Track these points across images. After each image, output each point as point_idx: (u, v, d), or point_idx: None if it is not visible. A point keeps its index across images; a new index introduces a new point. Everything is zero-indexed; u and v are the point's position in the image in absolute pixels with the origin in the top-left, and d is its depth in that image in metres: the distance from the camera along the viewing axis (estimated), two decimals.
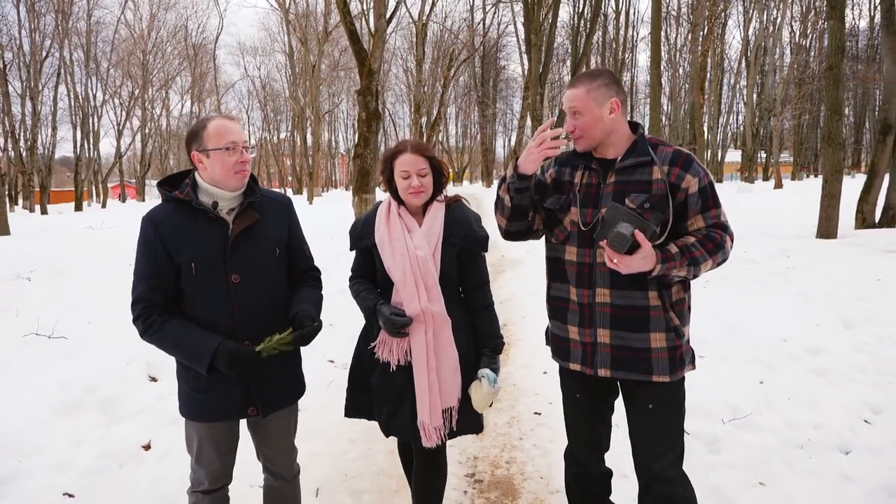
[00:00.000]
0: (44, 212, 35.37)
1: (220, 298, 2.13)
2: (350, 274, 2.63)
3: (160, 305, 2.13)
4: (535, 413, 4.12)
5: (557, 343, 2.39)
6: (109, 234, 17.23)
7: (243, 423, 2.38)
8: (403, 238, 2.43)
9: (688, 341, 2.26)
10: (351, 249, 2.62)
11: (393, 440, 2.83)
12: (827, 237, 11.35)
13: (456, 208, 2.54)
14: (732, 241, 2.21)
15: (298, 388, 2.41)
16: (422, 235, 2.44)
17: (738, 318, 5.87)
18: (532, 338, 5.78)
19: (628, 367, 2.20)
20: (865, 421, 3.64)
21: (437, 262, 2.44)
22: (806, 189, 23.66)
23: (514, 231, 2.41)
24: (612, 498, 2.60)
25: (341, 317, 6.33)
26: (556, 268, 2.39)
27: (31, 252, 12.62)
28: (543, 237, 2.46)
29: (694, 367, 2.29)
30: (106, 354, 4.62)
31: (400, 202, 2.51)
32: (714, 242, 2.13)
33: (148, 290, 2.12)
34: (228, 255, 2.13)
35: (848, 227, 12.19)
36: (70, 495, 2.86)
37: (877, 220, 12.50)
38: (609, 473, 2.53)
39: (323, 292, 2.44)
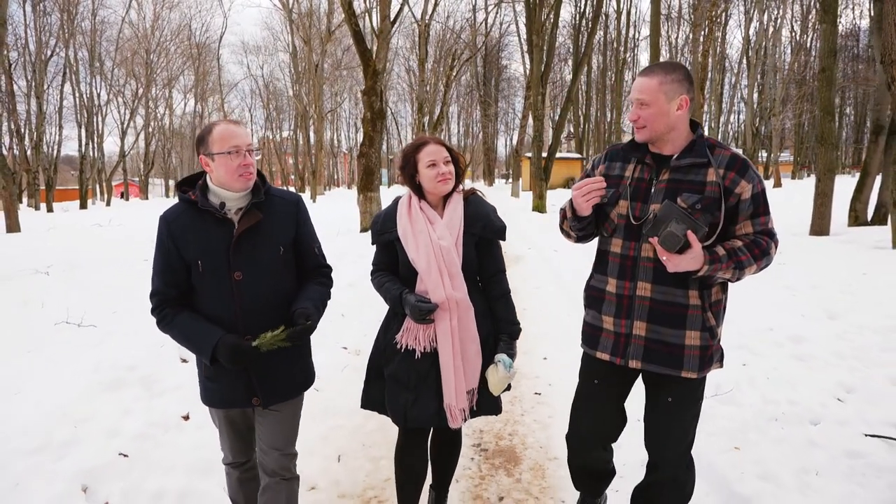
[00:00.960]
0: (49, 210, 35.70)
1: (223, 295, 2.23)
2: (372, 268, 2.73)
3: (173, 299, 2.26)
4: (536, 393, 4.46)
5: (588, 331, 2.45)
6: (118, 231, 17.58)
7: None
8: (426, 229, 2.53)
9: (719, 341, 2.33)
10: (373, 243, 2.71)
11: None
12: (820, 234, 11.68)
13: (474, 201, 2.65)
14: (777, 247, 2.23)
15: (305, 379, 2.48)
16: (444, 226, 2.53)
17: (729, 309, 6.18)
18: (532, 328, 6.15)
19: (660, 361, 2.24)
20: (838, 399, 3.97)
21: (460, 251, 2.54)
22: (805, 188, 23.94)
23: (584, 242, 2.57)
24: (612, 488, 2.75)
25: (352, 309, 6.70)
26: (601, 259, 2.44)
27: (44, 248, 12.96)
28: None
29: (721, 366, 2.35)
30: (137, 340, 4.95)
31: (420, 196, 2.61)
32: (760, 248, 2.15)
33: (162, 285, 2.26)
34: (231, 254, 2.22)
35: (841, 225, 12.53)
36: (125, 455, 3.21)
37: (869, 217, 12.84)
38: (611, 451, 2.65)
39: (332, 290, 2.52)
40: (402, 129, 55.37)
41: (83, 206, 38.75)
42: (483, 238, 2.60)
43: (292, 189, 56.82)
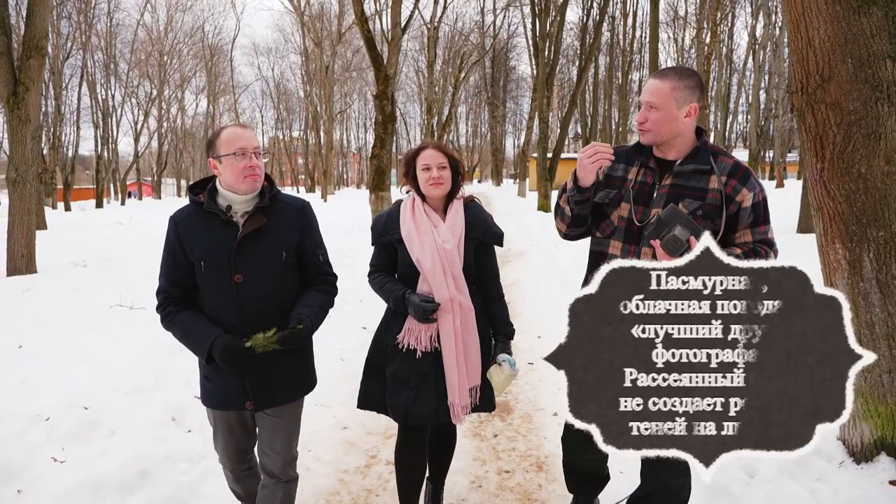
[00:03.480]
0: (67, 208, 36.61)
1: (224, 296, 2.24)
2: (370, 269, 2.79)
3: (178, 298, 2.29)
4: (529, 363, 5.19)
5: None
6: (138, 229, 18.37)
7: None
8: (431, 232, 2.60)
9: None
10: (373, 244, 2.77)
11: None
12: (807, 232, 12.34)
13: (473, 207, 2.75)
14: (776, 257, 2.23)
15: (304, 384, 2.46)
16: (447, 230, 2.62)
17: None
18: (530, 311, 6.91)
19: None
20: None
21: (461, 254, 2.62)
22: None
23: (574, 235, 2.51)
24: (607, 490, 2.77)
25: (370, 295, 7.43)
26: (596, 261, 2.42)
27: (73, 244, 13.73)
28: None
29: None
30: None
31: (423, 199, 2.69)
32: (758, 257, 2.14)
33: (167, 284, 2.29)
34: (233, 256, 2.23)
35: None
36: (198, 398, 3.97)
37: None
38: (605, 457, 2.63)
39: (335, 298, 2.51)
40: (412, 129, 56.01)
41: (99, 205, 39.66)
42: (481, 243, 2.72)
43: (302, 189, 57.69)
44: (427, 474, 2.97)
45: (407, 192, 2.77)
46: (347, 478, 3.38)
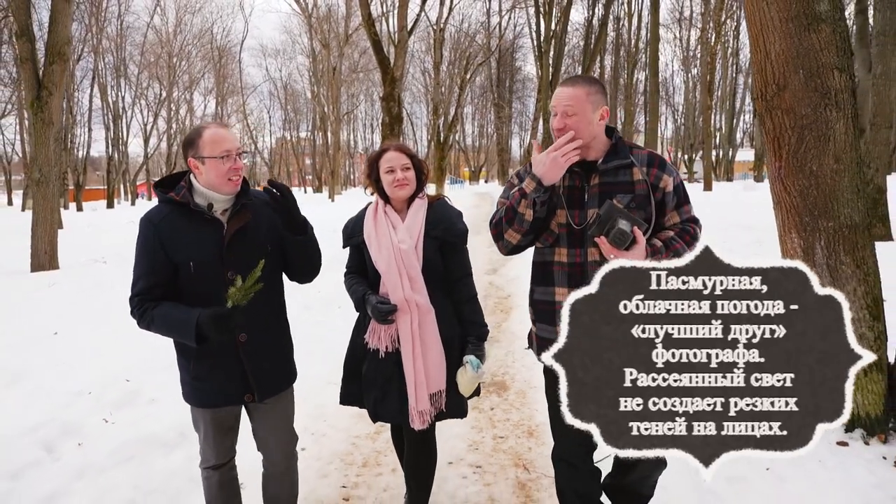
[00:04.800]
0: (79, 209, 37.21)
1: (217, 294, 2.18)
2: (345, 270, 2.82)
3: (155, 298, 2.22)
4: (526, 348, 5.57)
5: (544, 345, 2.25)
6: None
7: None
8: (388, 233, 2.60)
9: None
10: (344, 247, 2.81)
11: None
12: None
13: (438, 206, 2.72)
14: (701, 230, 2.38)
15: (290, 374, 2.51)
16: (405, 230, 2.60)
17: None
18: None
19: None
20: None
21: (420, 254, 2.59)
22: None
23: (525, 244, 2.42)
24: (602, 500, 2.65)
25: None
26: (542, 271, 2.44)
27: (89, 243, 14.25)
28: None
29: None
30: None
31: (386, 201, 2.69)
32: (690, 234, 2.30)
33: (146, 287, 2.22)
34: (225, 254, 2.23)
35: None
36: None
37: None
38: (598, 472, 2.54)
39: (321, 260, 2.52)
40: (418, 129, 56.40)
41: (110, 205, 40.29)
42: (446, 242, 2.66)
43: (309, 189, 58.08)
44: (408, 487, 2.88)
45: (371, 194, 2.79)
46: (359, 442, 3.79)
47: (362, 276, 2.74)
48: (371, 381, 2.65)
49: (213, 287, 2.20)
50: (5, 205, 46.91)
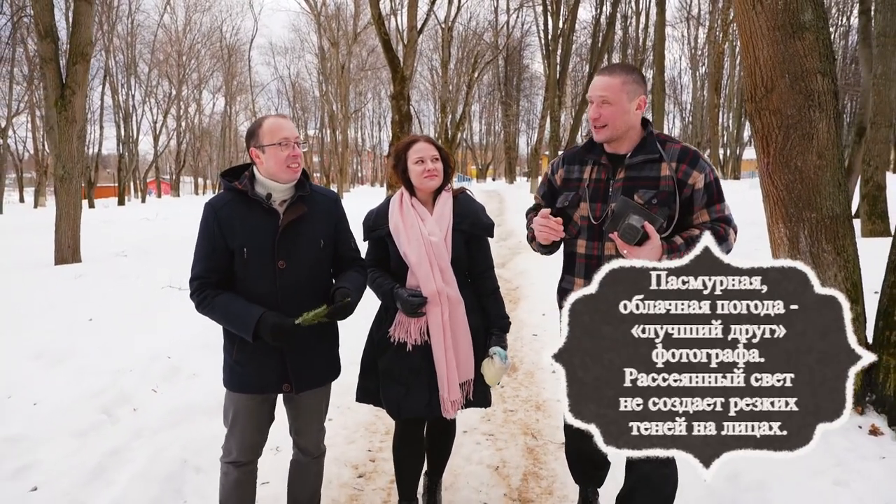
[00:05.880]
0: (91, 206, 37.63)
1: (267, 281, 2.29)
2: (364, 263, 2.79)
3: (213, 283, 2.30)
4: (533, 335, 5.92)
5: None
6: (165, 224, 19.23)
7: (279, 405, 2.56)
8: (417, 225, 2.59)
9: None
10: (364, 240, 2.77)
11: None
12: None
13: (463, 199, 2.73)
14: (736, 233, 2.29)
15: (333, 369, 2.56)
16: (434, 222, 2.60)
17: None
18: (537, 294, 7.64)
19: None
20: None
21: (449, 247, 2.60)
22: None
23: (549, 253, 2.57)
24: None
25: None
26: (569, 261, 2.50)
27: (107, 238, 14.57)
28: None
29: None
30: None
31: (412, 193, 2.68)
32: (718, 235, 2.17)
33: (204, 270, 2.30)
34: (277, 244, 2.29)
35: None
36: None
37: (854, 211, 14.07)
38: None
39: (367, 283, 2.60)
40: (426, 127, 56.61)
41: (121, 202, 40.73)
42: (472, 235, 2.68)
43: None
44: (425, 469, 2.97)
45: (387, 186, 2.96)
46: (382, 414, 4.08)
47: (383, 269, 2.72)
48: (393, 376, 2.64)
49: (265, 275, 2.29)
50: (17, 201, 47.46)
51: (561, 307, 2.40)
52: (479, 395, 2.70)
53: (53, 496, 2.87)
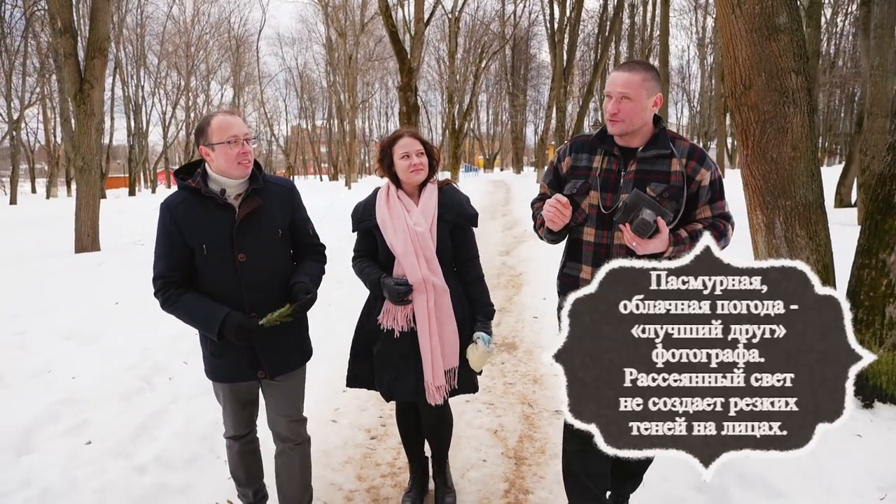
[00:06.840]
0: (103, 196, 38.09)
1: (228, 276, 2.32)
2: (353, 254, 2.88)
3: (176, 281, 2.34)
4: (534, 317, 6.26)
5: None
6: None
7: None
8: (403, 217, 2.66)
9: None
10: (353, 231, 2.86)
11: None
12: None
13: (448, 190, 2.80)
14: (734, 229, 2.39)
15: (305, 353, 2.61)
16: (419, 213, 2.67)
17: None
18: (539, 279, 7.98)
19: None
20: None
21: (434, 236, 2.67)
22: (824, 174, 25.04)
23: (556, 242, 2.61)
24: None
25: None
26: (573, 248, 2.53)
27: (122, 228, 14.90)
28: None
29: None
30: None
31: (398, 185, 2.75)
32: (718, 230, 2.30)
33: (165, 269, 2.34)
34: (235, 237, 2.32)
35: (828, 207, 14.01)
36: None
37: (853, 200, 14.31)
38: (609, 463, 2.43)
39: (325, 265, 2.67)
40: (433, 118, 56.76)
41: (132, 193, 41.23)
42: (457, 225, 2.75)
43: (325, 177, 58.75)
44: (429, 454, 3.13)
45: (382, 177, 2.85)
46: None
47: (371, 259, 2.81)
48: (385, 361, 2.73)
49: (226, 270, 2.33)
50: (29, 192, 47.99)
51: (561, 294, 2.54)
52: (465, 381, 2.78)
53: (105, 449, 3.24)
